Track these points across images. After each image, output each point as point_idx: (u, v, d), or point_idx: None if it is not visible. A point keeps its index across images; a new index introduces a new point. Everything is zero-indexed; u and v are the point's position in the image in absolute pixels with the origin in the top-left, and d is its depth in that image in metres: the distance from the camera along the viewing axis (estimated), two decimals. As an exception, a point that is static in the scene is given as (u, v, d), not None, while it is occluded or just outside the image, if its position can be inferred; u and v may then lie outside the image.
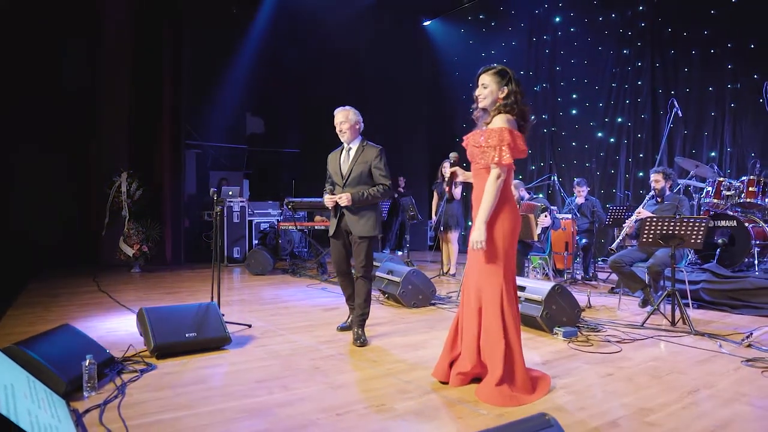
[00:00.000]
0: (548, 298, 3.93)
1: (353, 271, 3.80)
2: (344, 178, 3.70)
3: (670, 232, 4.21)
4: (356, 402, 2.56)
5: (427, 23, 11.33)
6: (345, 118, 3.69)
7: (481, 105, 2.80)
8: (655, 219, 4.32)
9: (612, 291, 5.81)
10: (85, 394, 2.57)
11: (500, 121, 2.67)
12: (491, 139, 2.64)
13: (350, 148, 3.75)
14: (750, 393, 2.70)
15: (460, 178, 3.06)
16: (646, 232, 4.33)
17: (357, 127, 3.73)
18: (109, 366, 2.95)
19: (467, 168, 3.01)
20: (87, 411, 2.38)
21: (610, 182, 8.47)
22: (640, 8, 8.09)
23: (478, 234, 2.64)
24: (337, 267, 3.89)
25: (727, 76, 7.13)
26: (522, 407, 2.49)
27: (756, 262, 5.12)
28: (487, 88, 2.76)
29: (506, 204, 2.72)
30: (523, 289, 4.11)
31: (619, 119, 8.39)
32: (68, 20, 7.82)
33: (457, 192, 6.97)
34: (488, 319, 2.67)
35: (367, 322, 3.82)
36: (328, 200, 3.73)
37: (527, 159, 9.66)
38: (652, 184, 5.06)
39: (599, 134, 8.65)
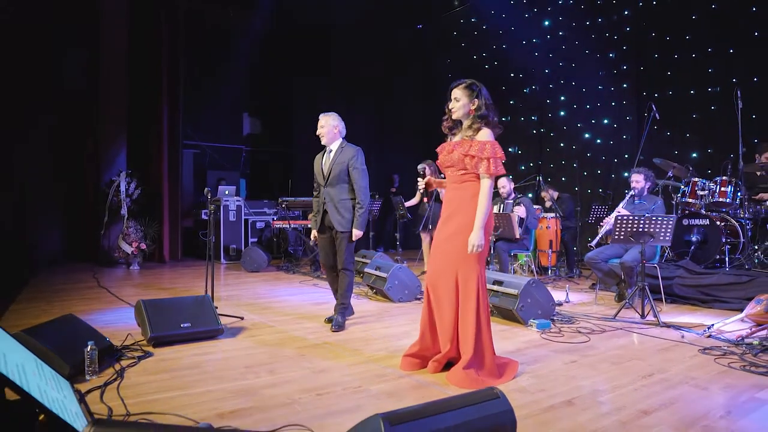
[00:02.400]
0: (524, 292, 4.16)
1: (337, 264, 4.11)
2: (325, 177, 4.06)
3: (640, 229, 4.45)
4: (335, 384, 2.79)
5: (420, 26, 11.56)
6: (324, 123, 4.05)
7: (454, 116, 3.05)
8: (626, 217, 4.55)
9: (592, 287, 6.04)
10: (87, 377, 2.79)
11: (487, 135, 2.92)
12: (485, 151, 2.88)
13: (330, 150, 4.10)
14: (699, 377, 2.93)
15: (434, 186, 3.33)
16: (618, 229, 4.57)
17: (335, 131, 4.06)
18: (109, 353, 3.17)
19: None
20: (89, 391, 2.61)
21: (596, 182, 8.70)
22: (626, 13, 8.32)
23: (477, 238, 2.85)
24: (324, 260, 4.21)
25: (707, 79, 7.35)
26: (487, 389, 2.72)
27: (727, 258, 5.35)
28: (459, 101, 3.00)
29: None
30: (500, 283, 4.35)
31: (605, 121, 8.62)
32: (68, 21, 8.01)
33: None
34: (465, 307, 2.89)
35: (355, 315, 4.18)
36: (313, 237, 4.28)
37: (517, 159, 9.89)
38: (633, 184, 5.27)
39: (586, 135, 8.88)
